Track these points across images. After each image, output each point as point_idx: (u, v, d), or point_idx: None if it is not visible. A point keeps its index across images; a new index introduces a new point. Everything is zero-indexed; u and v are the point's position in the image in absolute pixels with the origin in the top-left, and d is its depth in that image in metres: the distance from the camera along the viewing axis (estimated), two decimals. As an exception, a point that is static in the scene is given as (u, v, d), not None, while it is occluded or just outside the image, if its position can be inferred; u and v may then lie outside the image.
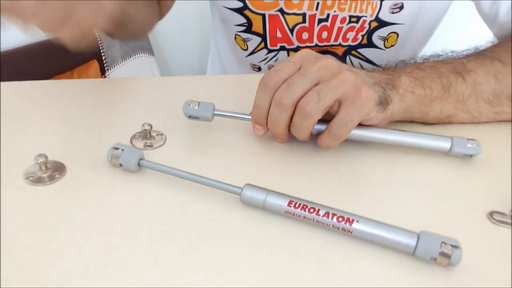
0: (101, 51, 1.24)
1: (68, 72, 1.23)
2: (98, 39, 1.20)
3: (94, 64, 1.30)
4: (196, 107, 0.46)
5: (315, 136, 0.45)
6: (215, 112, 0.47)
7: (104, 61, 1.30)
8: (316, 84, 0.42)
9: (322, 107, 0.41)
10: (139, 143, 0.46)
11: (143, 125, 0.46)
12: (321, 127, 0.44)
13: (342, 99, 0.41)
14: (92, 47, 0.41)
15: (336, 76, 0.42)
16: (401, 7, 0.64)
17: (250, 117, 0.46)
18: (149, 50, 1.26)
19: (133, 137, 0.47)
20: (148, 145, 0.46)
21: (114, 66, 1.34)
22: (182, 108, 0.46)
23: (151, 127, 0.46)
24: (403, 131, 0.46)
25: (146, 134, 0.46)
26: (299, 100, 0.42)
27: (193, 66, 1.35)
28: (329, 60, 0.44)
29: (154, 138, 0.47)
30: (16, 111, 0.52)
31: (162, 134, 0.48)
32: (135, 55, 1.25)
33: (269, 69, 0.74)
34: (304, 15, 0.66)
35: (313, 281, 0.33)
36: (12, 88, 0.56)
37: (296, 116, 0.42)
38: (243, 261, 0.35)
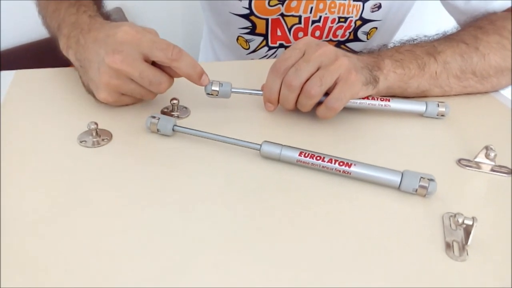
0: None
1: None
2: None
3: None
4: (217, 86, 0.54)
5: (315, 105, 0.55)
6: (232, 90, 0.55)
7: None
8: (318, 68, 0.51)
9: (323, 89, 0.51)
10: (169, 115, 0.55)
11: (172, 99, 0.54)
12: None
13: (337, 80, 0.51)
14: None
15: (334, 62, 0.51)
16: (379, 6, 0.76)
17: (262, 92, 0.55)
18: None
19: (162, 110, 0.56)
20: (176, 116, 0.55)
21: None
22: (204, 86, 0.54)
23: (178, 101, 0.54)
24: (386, 97, 0.56)
25: (174, 107, 0.55)
26: (305, 82, 0.51)
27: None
28: (328, 47, 0.53)
29: (180, 111, 0.56)
30: (68, 91, 0.61)
31: (186, 108, 0.56)
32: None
33: None
34: (300, 17, 0.77)
35: (320, 213, 0.43)
36: (61, 73, 0.66)
37: (302, 97, 0.52)
38: (264, 198, 0.44)
